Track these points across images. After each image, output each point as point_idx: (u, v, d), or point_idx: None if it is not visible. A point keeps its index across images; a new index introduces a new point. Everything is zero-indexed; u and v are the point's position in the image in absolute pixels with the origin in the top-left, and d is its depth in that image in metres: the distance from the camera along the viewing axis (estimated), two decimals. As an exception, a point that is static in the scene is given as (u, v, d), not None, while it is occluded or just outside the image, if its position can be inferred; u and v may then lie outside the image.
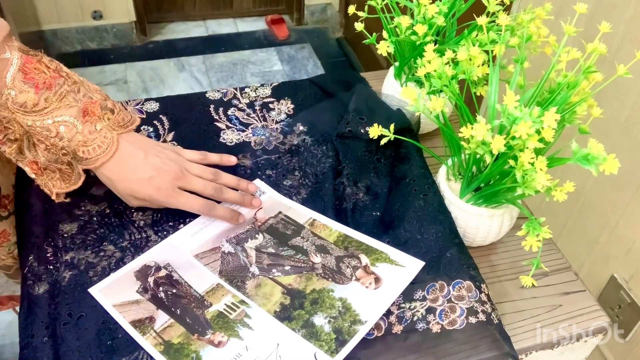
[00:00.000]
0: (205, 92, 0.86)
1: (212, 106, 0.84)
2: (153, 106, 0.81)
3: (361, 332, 0.56)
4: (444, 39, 0.78)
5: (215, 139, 0.78)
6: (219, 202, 0.68)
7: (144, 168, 0.63)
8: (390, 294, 0.59)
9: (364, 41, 0.78)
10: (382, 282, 0.60)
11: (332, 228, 0.67)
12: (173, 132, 0.78)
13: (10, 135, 0.63)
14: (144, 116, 0.80)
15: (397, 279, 0.60)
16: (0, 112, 0.60)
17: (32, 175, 0.66)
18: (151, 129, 0.78)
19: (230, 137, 0.79)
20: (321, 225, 0.68)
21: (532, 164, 0.55)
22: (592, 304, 0.66)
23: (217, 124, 0.81)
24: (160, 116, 0.80)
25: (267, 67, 2.57)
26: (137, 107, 0.81)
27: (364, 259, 0.63)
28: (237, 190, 0.70)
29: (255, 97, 0.86)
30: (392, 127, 0.66)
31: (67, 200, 0.67)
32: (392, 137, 0.65)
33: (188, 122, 0.80)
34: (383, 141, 0.66)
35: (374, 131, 0.65)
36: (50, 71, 0.60)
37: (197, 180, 0.66)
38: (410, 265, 0.62)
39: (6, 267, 0.81)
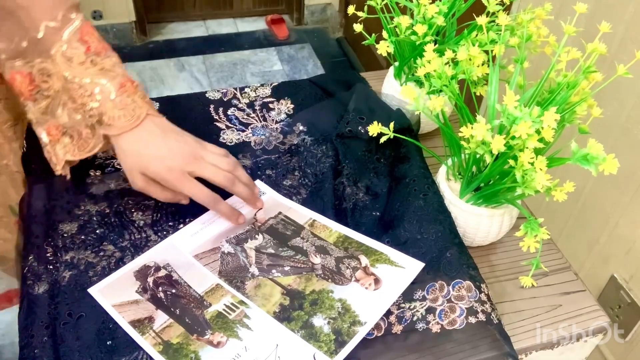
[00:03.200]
0: (205, 92, 0.86)
1: (212, 106, 0.84)
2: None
3: (360, 333, 0.56)
4: (444, 39, 0.78)
5: (215, 139, 0.78)
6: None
7: (160, 146, 0.64)
8: (389, 296, 0.59)
9: (363, 42, 0.78)
10: (381, 283, 0.60)
11: (332, 229, 0.67)
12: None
13: (44, 91, 0.64)
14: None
15: (396, 281, 0.60)
16: (45, 64, 0.62)
17: (46, 140, 0.66)
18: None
19: (230, 137, 0.79)
20: (321, 226, 0.68)
21: (532, 164, 0.55)
22: (592, 304, 0.66)
23: (217, 123, 0.81)
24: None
25: (267, 67, 2.57)
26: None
27: (364, 260, 0.63)
28: None
29: (255, 97, 0.86)
30: (391, 125, 0.65)
31: (68, 177, 0.67)
32: (392, 135, 0.65)
33: (188, 122, 0.80)
34: (383, 139, 0.66)
35: (374, 129, 0.65)
36: (103, 43, 0.64)
37: (209, 167, 0.66)
38: (410, 267, 0.62)
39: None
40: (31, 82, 0.63)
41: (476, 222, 0.66)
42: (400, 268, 0.62)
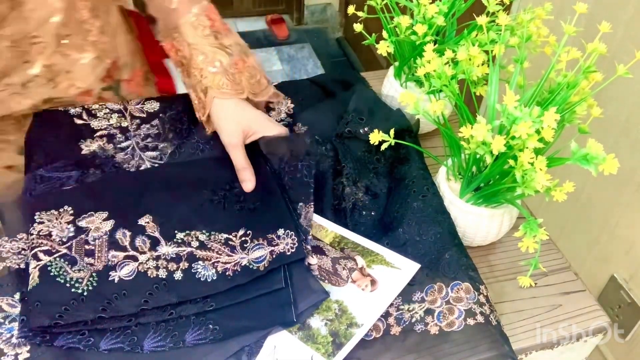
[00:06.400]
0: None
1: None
2: (153, 106, 0.81)
3: (357, 335, 0.56)
4: (444, 38, 0.78)
5: (216, 138, 0.78)
6: None
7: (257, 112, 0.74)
8: (386, 297, 0.59)
9: (363, 42, 0.78)
10: (377, 284, 0.60)
11: (328, 229, 0.67)
12: (174, 132, 0.78)
13: (182, 58, 0.74)
14: (144, 115, 0.80)
15: (392, 282, 0.60)
16: (176, 34, 0.73)
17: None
18: (152, 128, 0.78)
19: (230, 137, 0.79)
20: (317, 226, 0.67)
21: (532, 164, 0.55)
22: (592, 304, 0.66)
23: (217, 123, 0.81)
24: (161, 115, 0.80)
25: (267, 67, 2.57)
26: (137, 106, 0.80)
27: (360, 261, 0.63)
28: None
29: (255, 97, 0.85)
30: (392, 132, 0.65)
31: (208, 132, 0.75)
32: (393, 142, 0.65)
33: (189, 121, 0.80)
34: (384, 146, 0.66)
35: (375, 137, 0.65)
36: (225, 25, 0.74)
37: None
38: (406, 268, 0.62)
39: None
40: (175, 50, 0.74)
41: (476, 222, 0.66)
42: (396, 269, 0.62)
